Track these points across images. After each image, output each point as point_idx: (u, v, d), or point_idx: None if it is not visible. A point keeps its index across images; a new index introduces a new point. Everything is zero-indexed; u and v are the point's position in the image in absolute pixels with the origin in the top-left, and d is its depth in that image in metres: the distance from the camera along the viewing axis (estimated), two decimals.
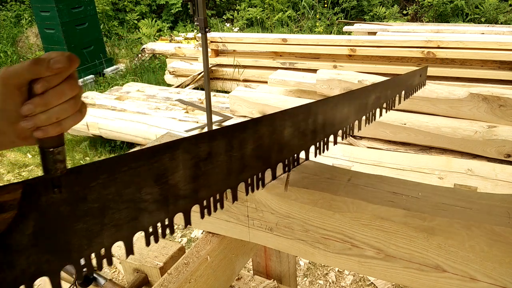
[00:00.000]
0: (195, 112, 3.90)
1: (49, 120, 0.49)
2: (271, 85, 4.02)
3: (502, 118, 2.78)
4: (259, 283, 1.34)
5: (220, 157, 0.68)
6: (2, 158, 4.12)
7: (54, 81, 0.49)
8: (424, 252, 0.69)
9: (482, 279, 0.66)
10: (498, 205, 0.70)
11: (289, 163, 0.83)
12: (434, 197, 0.73)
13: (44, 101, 0.49)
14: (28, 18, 7.62)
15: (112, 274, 2.45)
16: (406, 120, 2.89)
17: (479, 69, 4.11)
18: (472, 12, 7.24)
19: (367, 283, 2.29)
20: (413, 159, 2.56)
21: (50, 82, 0.49)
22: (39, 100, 0.49)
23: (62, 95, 0.50)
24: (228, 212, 0.89)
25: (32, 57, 6.65)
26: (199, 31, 2.92)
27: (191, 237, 2.76)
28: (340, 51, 4.55)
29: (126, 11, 8.26)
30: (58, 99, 0.49)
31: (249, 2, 8.30)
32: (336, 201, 0.75)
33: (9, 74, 0.49)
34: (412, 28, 5.82)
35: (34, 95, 0.49)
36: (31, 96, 0.49)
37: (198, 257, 0.93)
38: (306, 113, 0.80)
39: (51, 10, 5.22)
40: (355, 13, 7.85)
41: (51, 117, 0.49)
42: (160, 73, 5.86)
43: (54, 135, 0.50)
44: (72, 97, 0.51)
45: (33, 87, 0.48)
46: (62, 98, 0.50)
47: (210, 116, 3.05)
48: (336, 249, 0.78)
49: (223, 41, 5.08)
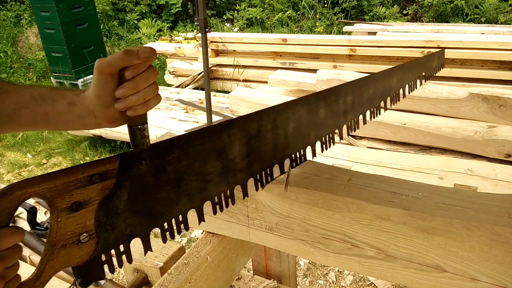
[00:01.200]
0: (195, 112, 3.90)
1: (138, 101, 0.59)
2: (271, 85, 4.02)
3: (502, 118, 2.78)
4: (259, 283, 1.34)
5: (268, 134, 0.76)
6: (2, 158, 4.12)
7: (141, 68, 0.59)
8: (424, 252, 0.69)
9: (482, 279, 0.66)
10: (498, 205, 0.70)
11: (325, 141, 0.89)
12: (434, 197, 0.73)
13: (134, 84, 0.59)
14: (28, 18, 7.62)
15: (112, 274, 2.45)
16: (406, 120, 2.89)
17: (479, 69, 4.11)
18: (472, 12, 7.24)
19: (367, 283, 2.29)
20: (413, 159, 2.56)
21: (139, 69, 0.59)
22: (130, 84, 0.59)
23: (147, 79, 0.60)
24: (228, 212, 0.89)
25: (32, 57, 6.66)
26: (199, 31, 2.92)
27: (191, 237, 2.76)
28: (340, 51, 4.55)
29: (126, 11, 8.25)
30: (145, 83, 0.59)
31: (249, 2, 8.30)
32: (336, 201, 0.75)
33: (103, 64, 0.59)
34: (412, 28, 5.82)
35: (125, 81, 0.59)
36: (122, 82, 0.59)
37: (198, 257, 0.93)
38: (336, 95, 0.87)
39: (51, 10, 5.22)
40: (355, 13, 7.85)
41: (139, 98, 0.59)
42: (160, 73, 5.86)
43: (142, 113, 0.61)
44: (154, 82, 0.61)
45: (125, 74, 0.58)
46: (148, 82, 0.60)
47: (210, 116, 3.05)
48: (336, 249, 0.78)
49: (223, 41, 5.07)
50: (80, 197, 0.54)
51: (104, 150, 3.93)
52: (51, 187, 0.52)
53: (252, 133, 0.73)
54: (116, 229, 0.59)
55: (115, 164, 0.57)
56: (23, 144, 4.28)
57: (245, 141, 0.72)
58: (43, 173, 0.56)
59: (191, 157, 0.65)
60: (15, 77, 6.30)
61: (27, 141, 4.31)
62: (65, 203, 0.53)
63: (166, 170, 0.63)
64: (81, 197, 0.54)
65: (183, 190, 0.65)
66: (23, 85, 0.68)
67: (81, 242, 0.56)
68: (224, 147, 0.69)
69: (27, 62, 6.66)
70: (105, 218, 0.57)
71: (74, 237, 0.55)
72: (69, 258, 0.55)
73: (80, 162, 3.84)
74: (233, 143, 0.70)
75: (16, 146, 4.27)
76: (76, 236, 0.55)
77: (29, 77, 6.31)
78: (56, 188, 0.52)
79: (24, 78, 6.29)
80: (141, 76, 0.59)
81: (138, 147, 0.60)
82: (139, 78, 0.59)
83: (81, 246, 0.56)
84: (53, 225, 0.53)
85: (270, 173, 0.80)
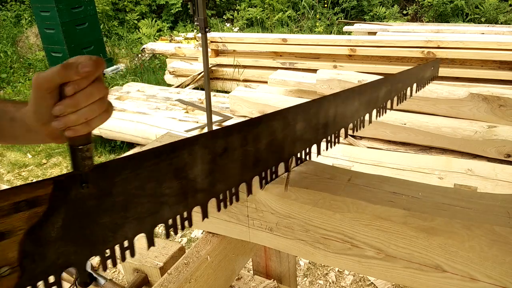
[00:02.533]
0: (195, 112, 3.90)
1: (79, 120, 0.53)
2: (271, 85, 4.02)
3: (502, 118, 2.78)
4: (259, 283, 1.34)
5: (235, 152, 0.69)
6: (2, 158, 4.12)
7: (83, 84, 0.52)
8: (424, 252, 0.69)
9: (482, 279, 0.66)
10: (498, 205, 0.70)
11: (301, 156, 0.84)
12: (434, 197, 0.73)
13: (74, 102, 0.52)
14: (28, 18, 7.62)
15: (112, 274, 2.45)
16: (406, 120, 2.89)
17: (479, 69, 4.11)
18: (472, 12, 7.24)
19: (367, 283, 2.29)
20: (413, 159, 2.56)
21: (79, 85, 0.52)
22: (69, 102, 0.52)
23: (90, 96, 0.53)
24: (228, 212, 0.89)
25: (32, 57, 6.66)
26: (199, 31, 2.92)
27: (191, 237, 2.76)
28: (340, 51, 4.55)
29: (126, 11, 8.25)
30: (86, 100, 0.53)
31: (249, 2, 8.30)
32: (336, 201, 0.75)
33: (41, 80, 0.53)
34: (412, 28, 5.82)
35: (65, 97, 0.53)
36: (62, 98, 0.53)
37: (198, 257, 0.93)
38: (317, 108, 0.82)
39: (51, 10, 5.22)
40: (355, 13, 7.85)
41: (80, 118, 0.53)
42: (160, 73, 5.86)
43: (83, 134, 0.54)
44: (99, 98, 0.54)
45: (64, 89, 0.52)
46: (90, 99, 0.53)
47: (210, 116, 3.05)
48: (336, 249, 0.78)
49: (223, 41, 5.07)
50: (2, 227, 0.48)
51: (104, 150, 3.93)
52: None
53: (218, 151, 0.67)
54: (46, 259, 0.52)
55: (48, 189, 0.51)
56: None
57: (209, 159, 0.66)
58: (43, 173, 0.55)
59: (143, 178, 0.59)
60: (15, 77, 6.30)
61: None
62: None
63: (112, 193, 0.57)
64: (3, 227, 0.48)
65: (131, 213, 0.59)
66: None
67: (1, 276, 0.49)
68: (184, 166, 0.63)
69: (27, 62, 6.67)
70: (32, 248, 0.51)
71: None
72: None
73: None
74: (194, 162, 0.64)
75: (16, 146, 4.27)
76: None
77: (29, 77, 6.30)
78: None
79: (24, 78, 6.29)
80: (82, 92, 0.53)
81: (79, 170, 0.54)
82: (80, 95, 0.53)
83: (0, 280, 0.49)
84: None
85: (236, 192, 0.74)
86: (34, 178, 3.66)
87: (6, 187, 2.69)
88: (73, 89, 0.52)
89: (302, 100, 3.44)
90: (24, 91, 5.77)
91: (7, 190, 0.49)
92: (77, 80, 0.52)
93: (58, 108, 0.53)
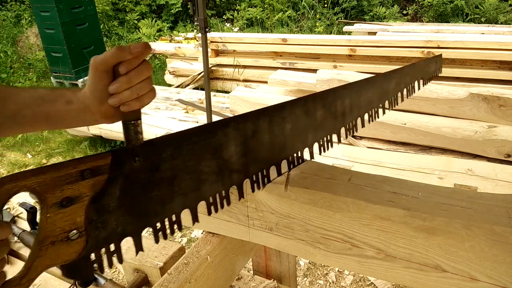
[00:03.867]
0: (195, 112, 3.90)
1: (132, 96, 0.61)
2: (271, 85, 4.02)
3: (502, 118, 2.78)
4: (259, 283, 1.34)
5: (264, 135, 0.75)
6: (2, 158, 4.12)
7: (135, 63, 0.60)
8: (424, 252, 0.69)
9: (482, 279, 0.66)
10: (498, 205, 0.70)
11: (323, 143, 0.88)
12: (434, 197, 0.73)
13: (128, 79, 0.60)
14: (28, 18, 7.62)
15: (112, 274, 2.45)
16: (406, 120, 2.89)
17: (479, 69, 4.11)
18: (472, 12, 7.24)
19: (367, 283, 2.29)
20: (413, 159, 2.56)
21: (132, 64, 0.60)
22: (124, 79, 0.60)
23: (141, 74, 0.61)
24: (228, 212, 0.89)
25: (32, 57, 6.66)
26: (199, 31, 2.92)
27: (191, 237, 2.76)
28: (340, 51, 4.55)
29: (126, 11, 8.25)
30: (138, 78, 0.61)
31: (249, 2, 8.30)
32: (336, 201, 0.75)
33: (98, 62, 0.61)
34: (412, 28, 5.82)
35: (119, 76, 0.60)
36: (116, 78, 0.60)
37: (198, 257, 0.93)
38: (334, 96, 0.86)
39: (51, 10, 5.22)
40: (355, 13, 7.85)
41: (133, 93, 0.61)
42: (160, 73, 5.86)
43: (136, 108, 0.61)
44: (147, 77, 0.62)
45: (118, 69, 0.59)
46: (141, 77, 0.61)
47: (210, 116, 3.05)
48: (336, 249, 0.78)
49: (223, 41, 5.07)
50: (71, 193, 0.53)
51: (104, 150, 3.92)
52: (41, 181, 0.51)
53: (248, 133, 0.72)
54: (107, 227, 0.57)
55: (107, 159, 0.56)
56: (23, 144, 4.28)
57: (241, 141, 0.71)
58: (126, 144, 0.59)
59: (185, 155, 0.64)
60: (15, 77, 6.29)
61: (27, 141, 4.31)
62: (55, 198, 0.52)
63: (160, 168, 0.62)
64: (72, 192, 0.53)
65: (177, 189, 0.64)
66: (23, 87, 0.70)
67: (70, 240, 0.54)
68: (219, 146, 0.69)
69: (27, 62, 6.66)
70: (95, 215, 0.56)
71: (63, 234, 0.54)
72: (57, 256, 0.54)
73: None
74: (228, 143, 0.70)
75: (16, 146, 4.27)
76: (65, 233, 0.54)
77: (29, 77, 6.30)
78: (46, 183, 0.51)
79: (24, 78, 6.29)
80: (134, 71, 0.60)
81: (132, 143, 0.60)
82: (133, 73, 0.60)
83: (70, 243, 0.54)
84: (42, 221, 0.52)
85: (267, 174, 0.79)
86: None
87: None
88: (126, 68, 0.59)
89: None
90: None
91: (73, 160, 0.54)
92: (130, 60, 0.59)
93: (114, 86, 0.60)
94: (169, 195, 0.64)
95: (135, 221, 0.61)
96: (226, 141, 0.69)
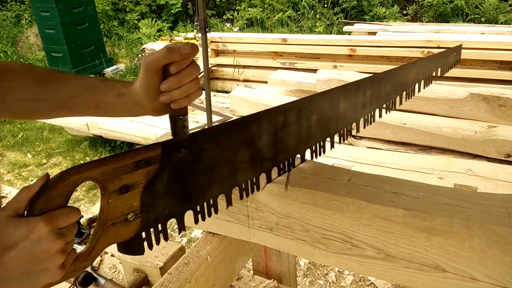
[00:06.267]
0: (195, 112, 3.90)
1: (181, 95, 0.64)
2: (271, 85, 4.02)
3: (502, 118, 2.78)
4: (259, 283, 1.34)
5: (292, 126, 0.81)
6: (2, 158, 4.12)
7: (184, 64, 0.63)
8: (424, 252, 0.69)
9: (482, 279, 0.66)
10: (498, 205, 0.70)
11: (343, 133, 0.94)
12: (434, 197, 0.73)
13: (178, 80, 0.63)
14: (28, 18, 7.62)
15: (112, 274, 2.45)
16: (406, 120, 2.89)
17: (479, 69, 4.10)
18: (472, 12, 7.23)
19: (367, 283, 2.29)
20: (413, 159, 2.56)
21: (181, 64, 0.62)
22: (174, 79, 0.62)
23: (190, 74, 0.64)
24: (228, 212, 0.89)
25: (32, 57, 6.66)
26: (199, 31, 2.91)
27: (191, 237, 2.76)
28: (340, 51, 4.55)
29: (126, 11, 8.25)
30: (187, 78, 0.63)
31: (249, 2, 8.29)
32: (337, 201, 0.75)
33: (149, 62, 0.63)
34: (412, 28, 5.81)
35: (169, 76, 0.63)
36: (166, 77, 0.63)
37: (198, 257, 0.93)
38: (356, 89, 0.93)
39: (51, 10, 5.22)
40: (355, 13, 7.85)
41: (183, 92, 0.63)
42: None
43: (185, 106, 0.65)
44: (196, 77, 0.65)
45: (169, 69, 0.62)
46: (190, 77, 0.64)
47: (210, 116, 3.05)
48: (337, 249, 0.78)
49: (223, 41, 5.07)
50: (128, 181, 0.59)
51: (104, 150, 3.92)
52: (103, 172, 0.57)
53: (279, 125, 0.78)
54: (156, 210, 0.64)
55: (158, 151, 0.62)
56: (23, 144, 4.28)
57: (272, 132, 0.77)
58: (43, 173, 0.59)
59: (223, 147, 0.71)
60: None
61: (27, 141, 4.31)
62: (115, 186, 0.58)
63: (201, 158, 0.68)
64: (129, 180, 0.60)
65: (215, 176, 0.71)
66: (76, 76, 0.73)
67: (128, 221, 0.61)
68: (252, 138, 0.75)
69: (27, 62, 6.66)
70: (147, 200, 0.62)
71: (122, 216, 0.60)
72: (117, 235, 0.61)
73: (80, 162, 3.83)
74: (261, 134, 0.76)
75: (16, 146, 4.27)
76: (124, 215, 0.60)
77: None
78: (107, 173, 0.57)
79: None
80: (184, 71, 0.63)
81: (179, 136, 0.65)
82: (183, 73, 0.63)
83: (128, 224, 0.61)
84: (104, 205, 0.58)
85: (293, 162, 0.85)
86: (34, 178, 3.66)
87: (7, 187, 2.69)
88: (176, 69, 0.62)
89: None
90: None
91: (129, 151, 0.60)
92: (180, 61, 0.62)
93: (166, 85, 0.63)
94: (208, 182, 0.70)
95: (179, 205, 0.67)
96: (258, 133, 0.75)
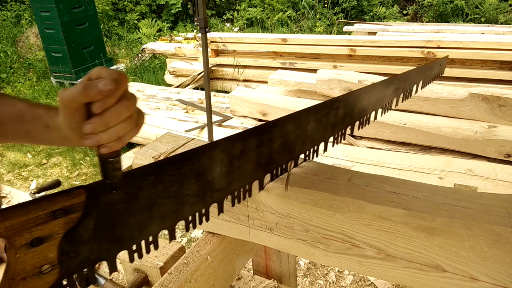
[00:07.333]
0: (195, 112, 3.90)
1: (110, 138, 0.52)
2: (271, 85, 4.02)
3: (502, 118, 2.78)
4: (259, 283, 1.34)
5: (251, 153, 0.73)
6: (2, 158, 4.12)
7: (110, 102, 0.51)
8: (424, 252, 0.69)
9: (482, 279, 0.66)
10: (498, 205, 0.70)
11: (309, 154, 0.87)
12: (434, 197, 0.73)
13: (103, 121, 0.51)
14: (28, 18, 7.62)
15: (112, 274, 2.45)
16: (406, 120, 2.89)
17: (479, 69, 4.11)
18: (472, 12, 7.24)
19: (367, 283, 2.29)
20: (413, 159, 2.56)
21: (106, 103, 0.50)
22: (99, 121, 0.51)
23: (119, 115, 0.51)
24: (228, 212, 0.89)
25: (32, 57, 6.65)
26: (199, 31, 2.91)
27: (191, 237, 2.76)
28: (340, 51, 4.55)
29: (126, 11, 8.25)
30: (116, 119, 0.51)
31: (249, 2, 8.30)
32: (337, 201, 0.75)
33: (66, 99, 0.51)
34: (412, 28, 5.82)
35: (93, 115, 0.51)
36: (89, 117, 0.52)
37: (198, 257, 0.93)
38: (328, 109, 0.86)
39: (51, 10, 5.22)
40: (355, 13, 7.85)
41: (111, 136, 0.52)
42: (160, 73, 5.86)
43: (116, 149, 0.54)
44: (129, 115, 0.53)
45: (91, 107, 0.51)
46: (119, 118, 0.52)
47: (210, 116, 3.05)
48: (337, 249, 0.78)
49: (223, 41, 5.07)
50: (41, 233, 0.51)
51: None
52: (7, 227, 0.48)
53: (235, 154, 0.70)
54: (81, 255, 0.56)
55: (82, 197, 0.54)
56: (23, 144, 4.28)
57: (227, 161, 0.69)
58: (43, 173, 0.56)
59: (167, 182, 0.62)
60: (15, 77, 6.30)
61: None
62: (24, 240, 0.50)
63: (138, 197, 0.60)
64: (42, 232, 0.51)
65: (156, 213, 0.63)
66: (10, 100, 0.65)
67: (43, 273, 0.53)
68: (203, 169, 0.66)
69: (27, 62, 6.67)
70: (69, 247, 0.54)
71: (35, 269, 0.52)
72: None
73: (80, 162, 3.84)
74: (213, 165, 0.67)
75: (16, 146, 4.27)
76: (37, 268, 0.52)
77: (29, 77, 6.31)
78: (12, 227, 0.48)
79: (24, 78, 6.29)
80: (111, 110, 0.51)
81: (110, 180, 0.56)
82: (109, 113, 0.51)
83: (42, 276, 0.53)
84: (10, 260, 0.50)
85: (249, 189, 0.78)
86: (34, 178, 3.66)
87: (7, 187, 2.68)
88: (100, 107, 0.50)
89: (302, 100, 3.44)
90: (24, 91, 5.77)
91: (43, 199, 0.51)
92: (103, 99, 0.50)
93: (89, 127, 0.51)
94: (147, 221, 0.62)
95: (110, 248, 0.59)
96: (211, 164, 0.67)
